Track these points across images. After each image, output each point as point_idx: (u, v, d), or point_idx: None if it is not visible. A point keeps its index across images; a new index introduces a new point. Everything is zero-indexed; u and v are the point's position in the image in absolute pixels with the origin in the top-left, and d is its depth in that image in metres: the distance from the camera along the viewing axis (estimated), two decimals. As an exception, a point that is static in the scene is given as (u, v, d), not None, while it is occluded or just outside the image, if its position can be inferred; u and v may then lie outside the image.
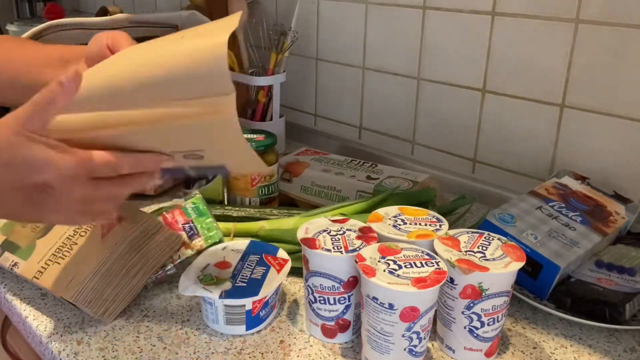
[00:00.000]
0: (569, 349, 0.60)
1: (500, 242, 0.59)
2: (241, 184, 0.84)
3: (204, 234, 0.71)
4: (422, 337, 0.53)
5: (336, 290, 0.58)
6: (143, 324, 0.63)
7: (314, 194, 0.89)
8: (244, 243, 0.69)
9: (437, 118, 1.03)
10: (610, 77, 0.81)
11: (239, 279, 0.62)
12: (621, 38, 0.79)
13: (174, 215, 0.72)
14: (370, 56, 1.11)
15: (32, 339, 0.64)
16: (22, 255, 0.65)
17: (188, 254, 0.69)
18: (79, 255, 0.63)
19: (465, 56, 0.96)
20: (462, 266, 0.54)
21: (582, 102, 0.85)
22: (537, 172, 0.92)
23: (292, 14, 1.14)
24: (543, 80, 0.88)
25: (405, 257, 0.54)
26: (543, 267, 0.65)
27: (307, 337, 0.62)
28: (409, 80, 1.06)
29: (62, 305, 0.66)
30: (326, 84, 1.22)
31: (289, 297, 0.69)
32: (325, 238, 0.60)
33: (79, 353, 0.58)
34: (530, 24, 0.87)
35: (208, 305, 0.61)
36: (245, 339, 0.61)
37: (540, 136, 0.90)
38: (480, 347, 0.57)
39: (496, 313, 0.56)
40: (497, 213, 0.71)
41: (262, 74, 1.16)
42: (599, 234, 0.71)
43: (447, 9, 0.97)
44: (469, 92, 0.97)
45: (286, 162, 0.95)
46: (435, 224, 0.62)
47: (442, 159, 1.05)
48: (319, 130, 1.27)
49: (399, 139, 1.11)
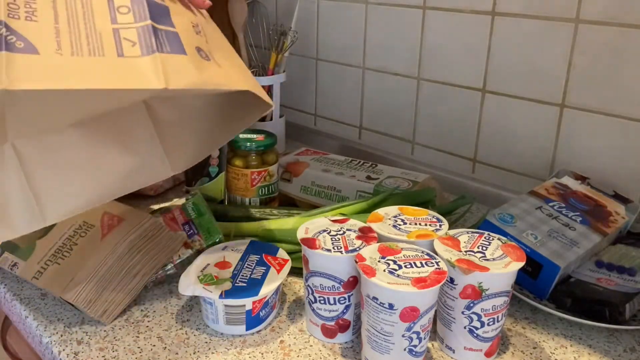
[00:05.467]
0: (569, 349, 0.60)
1: (500, 242, 0.59)
2: (241, 184, 0.84)
3: (204, 234, 0.71)
4: (422, 337, 0.53)
5: (336, 290, 0.58)
6: (143, 324, 0.63)
7: (314, 194, 0.89)
8: (244, 243, 0.69)
9: (437, 118, 1.03)
10: (610, 77, 0.81)
11: (239, 279, 0.62)
12: (621, 38, 0.79)
13: (174, 215, 0.72)
14: (370, 56, 1.11)
15: (32, 339, 0.64)
16: (22, 256, 0.66)
17: (188, 254, 0.69)
18: (78, 256, 0.63)
19: (465, 56, 0.96)
20: (462, 266, 0.54)
21: (582, 102, 0.85)
22: (537, 172, 0.92)
23: (292, 14, 1.15)
24: (543, 80, 0.88)
25: (405, 257, 0.54)
26: (543, 267, 0.65)
27: (307, 337, 0.62)
28: (409, 80, 1.06)
29: (62, 305, 0.66)
30: (326, 84, 1.22)
31: (289, 297, 0.69)
32: (325, 238, 0.60)
33: (79, 353, 0.58)
34: (530, 24, 0.87)
35: (208, 305, 0.61)
36: (245, 339, 0.61)
37: (540, 136, 0.90)
38: (480, 347, 0.57)
39: (496, 313, 0.56)
40: (497, 213, 0.71)
41: (262, 74, 1.16)
42: (599, 234, 0.71)
43: (447, 9, 0.97)
44: (469, 92, 0.97)
45: (286, 162, 0.95)
46: (435, 224, 0.62)
47: (442, 159, 1.05)
48: (319, 130, 1.27)
49: (399, 139, 1.11)
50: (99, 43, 0.54)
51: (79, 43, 0.53)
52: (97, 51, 0.53)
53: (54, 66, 0.51)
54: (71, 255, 0.63)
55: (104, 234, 0.64)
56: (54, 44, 0.52)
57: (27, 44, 0.51)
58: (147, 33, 0.55)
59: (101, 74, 0.52)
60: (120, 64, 0.53)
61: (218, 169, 0.85)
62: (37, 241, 0.66)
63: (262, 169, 0.83)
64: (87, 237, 0.65)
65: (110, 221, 0.66)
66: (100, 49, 0.53)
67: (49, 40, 0.52)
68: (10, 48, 0.50)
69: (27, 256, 0.65)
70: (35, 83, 0.50)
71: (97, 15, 0.56)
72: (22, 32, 0.52)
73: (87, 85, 0.51)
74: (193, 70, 0.55)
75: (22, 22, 0.52)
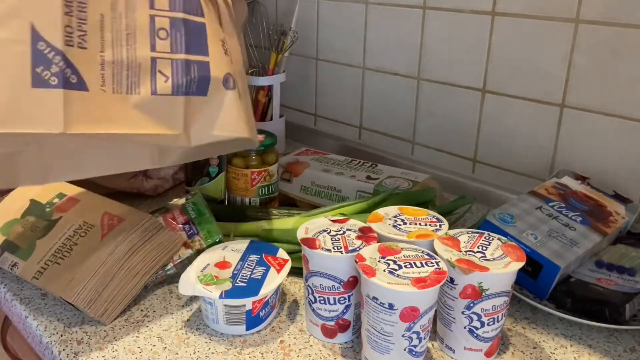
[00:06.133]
0: (569, 349, 0.60)
1: (500, 242, 0.59)
2: (241, 184, 0.84)
3: (204, 234, 0.71)
4: (422, 337, 0.53)
5: (336, 290, 0.58)
6: (143, 324, 0.63)
7: (314, 194, 0.89)
8: (244, 243, 0.69)
9: (437, 118, 1.03)
10: (610, 77, 0.81)
11: (239, 279, 0.62)
12: (621, 38, 0.79)
13: (174, 215, 0.72)
14: (370, 56, 1.11)
15: (32, 339, 0.64)
16: (22, 256, 0.66)
17: (188, 254, 0.69)
18: (78, 256, 0.63)
19: (465, 56, 0.96)
20: (462, 266, 0.54)
21: (582, 102, 0.85)
22: (537, 172, 0.92)
23: (292, 14, 1.15)
24: (543, 80, 0.88)
25: (405, 257, 0.54)
26: (543, 267, 0.65)
27: (307, 337, 0.62)
28: (409, 80, 1.06)
29: (62, 305, 0.66)
30: (326, 84, 1.23)
31: (289, 297, 0.69)
32: (325, 238, 0.60)
33: (79, 353, 0.58)
34: (530, 24, 0.87)
35: (208, 305, 0.61)
36: (245, 339, 0.61)
37: (540, 136, 0.90)
38: (480, 347, 0.57)
39: (496, 313, 0.56)
40: (497, 213, 0.71)
41: (262, 74, 1.16)
42: (599, 234, 0.71)
43: (447, 9, 0.97)
44: (469, 92, 0.97)
45: (286, 162, 0.95)
46: (435, 224, 0.62)
47: (442, 159, 1.05)
48: (319, 130, 1.27)
49: (399, 139, 1.11)
50: (136, 77, 0.58)
51: (120, 77, 0.57)
52: (134, 87, 0.57)
53: (100, 107, 0.55)
54: (71, 255, 0.63)
55: (104, 234, 0.64)
56: (100, 79, 0.56)
57: (79, 78, 0.54)
58: (181, 69, 0.60)
59: (137, 118, 0.57)
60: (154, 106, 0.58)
61: (218, 169, 0.85)
62: (37, 241, 0.66)
63: (262, 169, 0.83)
64: (87, 237, 0.65)
65: (110, 221, 0.66)
66: (137, 85, 0.58)
67: (95, 73, 0.55)
68: (67, 85, 0.53)
69: (27, 256, 0.65)
70: (86, 127, 0.54)
71: (139, 40, 0.59)
72: (75, 63, 0.54)
73: (124, 130, 0.56)
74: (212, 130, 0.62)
75: (75, 50, 0.54)
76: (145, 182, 0.92)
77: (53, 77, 0.52)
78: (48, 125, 0.52)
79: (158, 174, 0.93)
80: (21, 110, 0.51)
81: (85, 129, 0.53)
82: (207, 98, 0.62)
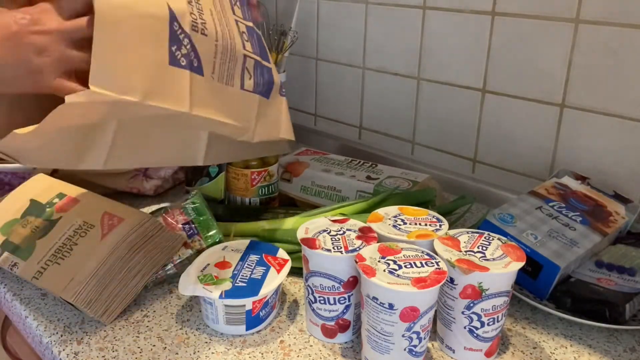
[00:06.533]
0: (569, 349, 0.60)
1: (500, 242, 0.59)
2: (241, 184, 0.84)
3: (204, 234, 0.71)
4: (422, 337, 0.53)
5: (336, 290, 0.58)
6: (143, 324, 0.63)
7: (314, 194, 0.89)
8: (244, 243, 0.69)
9: (437, 118, 1.03)
10: (610, 77, 0.81)
11: (239, 278, 0.62)
12: (621, 38, 0.79)
13: (174, 215, 0.72)
14: (370, 56, 1.11)
15: (32, 339, 0.64)
16: (22, 256, 0.65)
17: (188, 254, 0.69)
18: (78, 256, 0.63)
19: (465, 56, 0.96)
20: (462, 266, 0.54)
21: (582, 102, 0.85)
22: (537, 172, 0.92)
23: (292, 14, 1.15)
24: (543, 80, 0.88)
25: (405, 257, 0.54)
26: (543, 267, 0.65)
27: (307, 337, 0.62)
28: (409, 80, 1.06)
29: (62, 305, 0.66)
30: (326, 84, 1.23)
31: (289, 297, 0.69)
32: (325, 238, 0.60)
33: (79, 353, 0.58)
34: (530, 24, 0.87)
35: (208, 305, 0.61)
36: (245, 339, 0.61)
37: (540, 136, 0.90)
38: (480, 347, 0.57)
39: (496, 313, 0.56)
40: (497, 213, 0.71)
41: (262, 74, 1.16)
42: (599, 234, 0.71)
43: (447, 9, 0.97)
44: (469, 92, 0.97)
45: (286, 162, 0.95)
46: (435, 224, 0.62)
47: (442, 159, 1.05)
48: (319, 130, 1.27)
49: (399, 139, 1.11)
50: (233, 71, 0.61)
51: (224, 67, 0.60)
52: (230, 79, 0.61)
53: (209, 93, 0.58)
54: (71, 255, 0.63)
55: (104, 234, 0.64)
56: (211, 66, 0.58)
57: (198, 62, 0.56)
58: (259, 68, 0.65)
59: (227, 108, 0.61)
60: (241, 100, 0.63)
61: (218, 169, 0.85)
62: (37, 241, 0.66)
63: (262, 169, 0.83)
64: (87, 237, 0.65)
65: (110, 221, 0.66)
66: (232, 78, 0.61)
67: (210, 59, 0.58)
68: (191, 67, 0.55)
69: (27, 256, 0.65)
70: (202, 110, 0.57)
71: (236, 37, 0.62)
72: (198, 47, 0.56)
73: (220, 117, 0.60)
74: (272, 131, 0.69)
75: (199, 35, 0.56)
76: (145, 182, 0.92)
77: (183, 58, 0.54)
78: (179, 103, 0.54)
79: (158, 174, 0.93)
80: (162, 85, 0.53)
81: (202, 112, 0.57)
82: (270, 101, 0.67)
